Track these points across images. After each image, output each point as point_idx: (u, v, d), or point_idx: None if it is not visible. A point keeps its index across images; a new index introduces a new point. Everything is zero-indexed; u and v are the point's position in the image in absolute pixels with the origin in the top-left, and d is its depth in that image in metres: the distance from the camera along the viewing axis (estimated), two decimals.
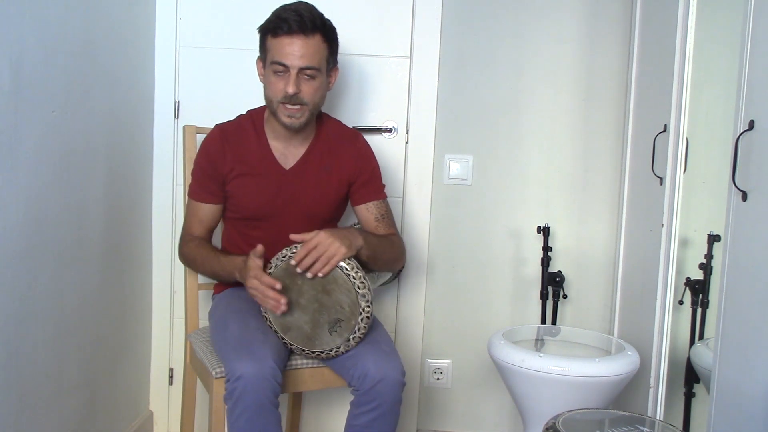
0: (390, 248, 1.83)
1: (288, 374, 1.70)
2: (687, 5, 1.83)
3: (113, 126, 1.94)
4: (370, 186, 1.88)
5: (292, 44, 1.66)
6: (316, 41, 1.68)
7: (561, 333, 2.21)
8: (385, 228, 1.88)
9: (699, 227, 1.89)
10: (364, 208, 1.88)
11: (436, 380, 2.43)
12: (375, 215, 1.87)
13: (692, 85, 1.84)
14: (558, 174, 2.35)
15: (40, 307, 1.58)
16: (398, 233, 1.93)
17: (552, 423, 1.53)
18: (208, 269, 1.79)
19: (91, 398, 1.90)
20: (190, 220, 1.86)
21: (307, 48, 1.67)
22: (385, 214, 1.89)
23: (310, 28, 1.66)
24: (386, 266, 1.86)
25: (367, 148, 1.92)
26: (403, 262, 1.94)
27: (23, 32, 1.45)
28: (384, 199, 1.91)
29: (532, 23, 2.30)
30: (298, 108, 1.72)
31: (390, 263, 1.86)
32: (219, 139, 1.81)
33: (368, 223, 1.88)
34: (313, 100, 1.73)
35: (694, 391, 1.92)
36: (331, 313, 1.60)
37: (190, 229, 1.85)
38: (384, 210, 1.90)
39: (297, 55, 1.66)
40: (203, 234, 1.84)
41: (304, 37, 1.66)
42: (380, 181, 1.92)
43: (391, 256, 1.84)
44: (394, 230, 1.91)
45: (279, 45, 1.67)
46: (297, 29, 1.65)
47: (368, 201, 1.88)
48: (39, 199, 1.55)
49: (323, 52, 1.71)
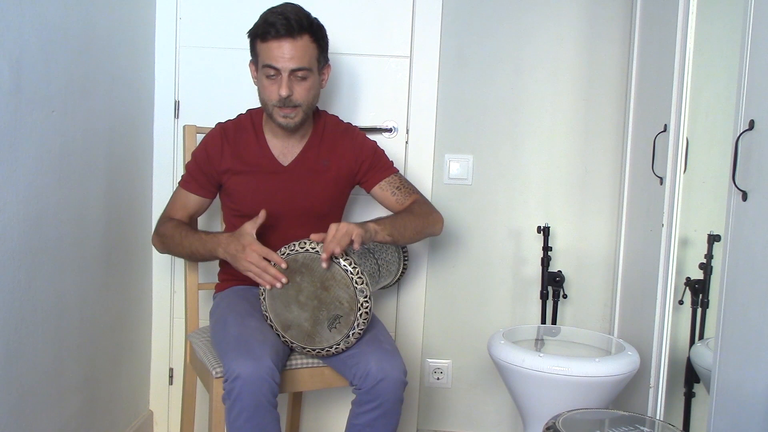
0: (412, 218, 1.80)
1: (288, 374, 1.70)
2: (687, 5, 1.83)
3: (113, 126, 1.94)
4: (376, 167, 1.90)
5: (281, 47, 1.68)
6: (305, 42, 1.70)
7: (561, 333, 2.21)
8: (405, 197, 1.89)
9: (699, 227, 1.89)
10: (378, 188, 1.90)
11: (436, 380, 2.43)
12: (391, 190, 1.89)
13: (692, 85, 1.84)
14: (558, 174, 2.35)
15: (40, 307, 1.58)
16: (421, 196, 1.91)
17: (552, 423, 1.53)
18: (186, 247, 1.77)
19: (91, 398, 1.90)
20: (172, 205, 1.87)
21: (296, 50, 1.68)
22: (400, 185, 1.90)
23: (297, 30, 1.68)
24: (418, 235, 1.82)
25: (360, 135, 1.93)
26: (439, 222, 1.88)
27: (23, 32, 1.45)
28: (395, 173, 1.92)
29: (532, 23, 2.30)
30: (292, 109, 1.73)
31: (421, 231, 1.83)
32: (219, 138, 1.83)
33: (388, 201, 1.90)
34: (306, 101, 1.75)
35: (694, 391, 1.92)
36: (331, 309, 1.61)
37: (171, 212, 1.86)
38: (398, 182, 1.90)
39: (287, 57, 1.68)
40: (184, 219, 1.86)
41: (292, 39, 1.68)
42: (385, 159, 1.93)
43: (417, 224, 1.80)
44: (416, 195, 1.90)
45: (268, 49, 1.69)
46: (284, 33, 1.67)
47: (379, 181, 1.89)
48: (39, 199, 1.55)
49: (312, 52, 1.72)
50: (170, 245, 1.81)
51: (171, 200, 1.89)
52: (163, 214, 1.88)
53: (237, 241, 1.66)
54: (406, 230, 1.77)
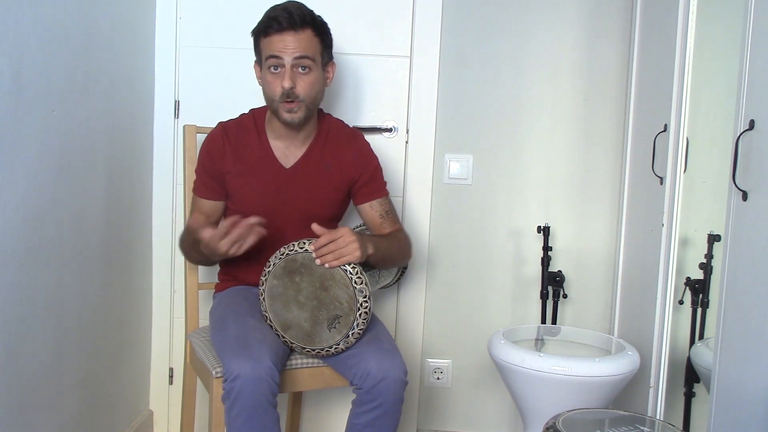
0: (397, 248, 1.85)
1: (287, 374, 1.70)
2: (687, 5, 1.83)
3: (113, 126, 1.94)
4: (372, 185, 1.89)
5: (283, 39, 1.69)
6: (307, 35, 1.71)
7: (561, 333, 2.21)
8: (390, 224, 1.90)
9: (699, 227, 1.89)
10: (368, 206, 1.89)
11: (436, 380, 2.43)
12: (379, 212, 1.89)
13: (692, 85, 1.84)
14: (558, 174, 2.35)
15: (40, 307, 1.58)
16: (402, 228, 1.95)
17: (552, 423, 1.53)
18: (195, 257, 1.81)
19: (91, 398, 1.90)
20: (192, 213, 1.88)
21: (299, 41, 1.70)
22: (389, 211, 1.91)
23: (299, 23, 1.70)
24: (394, 265, 1.93)
25: (367, 147, 1.92)
26: (410, 257, 1.97)
27: (23, 32, 1.45)
28: (387, 196, 1.92)
29: (532, 23, 2.30)
30: (295, 103, 1.73)
31: (398, 261, 1.93)
32: (220, 138, 1.83)
33: (373, 221, 1.89)
34: (309, 95, 1.74)
35: (694, 390, 1.92)
36: (330, 309, 1.61)
37: (191, 221, 1.85)
38: (388, 206, 1.91)
39: (290, 47, 1.70)
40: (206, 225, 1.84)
41: (294, 32, 1.69)
42: (382, 179, 1.93)
43: (398, 255, 1.88)
44: (399, 225, 1.93)
45: (271, 42, 1.71)
46: (287, 25, 1.69)
47: (371, 200, 1.89)
48: (39, 199, 1.55)
49: (316, 46, 1.73)
50: (189, 256, 1.86)
51: (191, 210, 1.90)
52: (185, 224, 1.90)
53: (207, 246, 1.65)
54: (390, 258, 1.82)
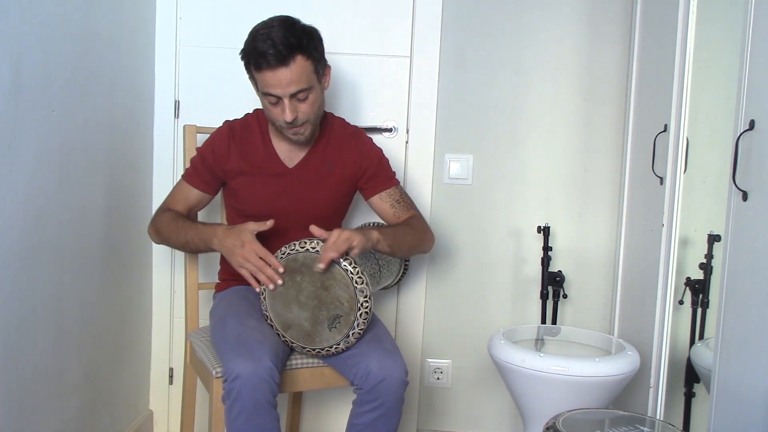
0: (411, 233, 1.83)
1: (288, 374, 1.70)
2: (687, 5, 1.83)
3: (113, 125, 1.94)
4: (379, 177, 1.90)
5: (276, 76, 1.65)
6: (299, 64, 1.66)
7: (561, 333, 2.21)
8: (404, 211, 1.89)
9: (699, 227, 1.89)
10: (378, 198, 1.89)
11: (436, 380, 2.43)
12: (390, 202, 1.89)
13: (692, 85, 1.84)
14: (558, 174, 2.35)
15: (40, 307, 1.58)
16: (418, 214, 1.92)
17: (552, 423, 1.53)
18: (182, 236, 1.76)
19: (91, 398, 1.90)
20: (173, 197, 1.87)
21: (292, 74, 1.65)
22: (399, 199, 1.90)
23: (288, 54, 1.64)
24: (413, 250, 1.88)
25: (369, 143, 1.93)
26: (431, 241, 1.92)
27: (23, 32, 1.45)
28: (396, 186, 1.92)
29: (532, 23, 2.30)
30: (300, 127, 1.74)
31: (416, 247, 1.87)
32: (226, 137, 1.83)
33: (386, 212, 1.90)
34: (312, 115, 1.74)
35: (694, 391, 1.92)
36: (330, 309, 1.61)
37: (170, 204, 1.86)
38: (398, 195, 1.91)
39: (284, 84, 1.66)
40: (183, 212, 1.85)
41: (285, 67, 1.64)
42: (388, 170, 1.93)
43: (413, 239, 1.84)
44: (414, 211, 1.92)
45: (264, 78, 1.67)
46: (275, 63, 1.64)
47: (379, 191, 1.89)
48: (39, 199, 1.55)
49: (309, 69, 1.68)
50: (166, 234, 1.80)
51: (172, 192, 1.89)
52: (162, 205, 1.87)
53: (236, 236, 1.66)
54: (404, 244, 1.80)
